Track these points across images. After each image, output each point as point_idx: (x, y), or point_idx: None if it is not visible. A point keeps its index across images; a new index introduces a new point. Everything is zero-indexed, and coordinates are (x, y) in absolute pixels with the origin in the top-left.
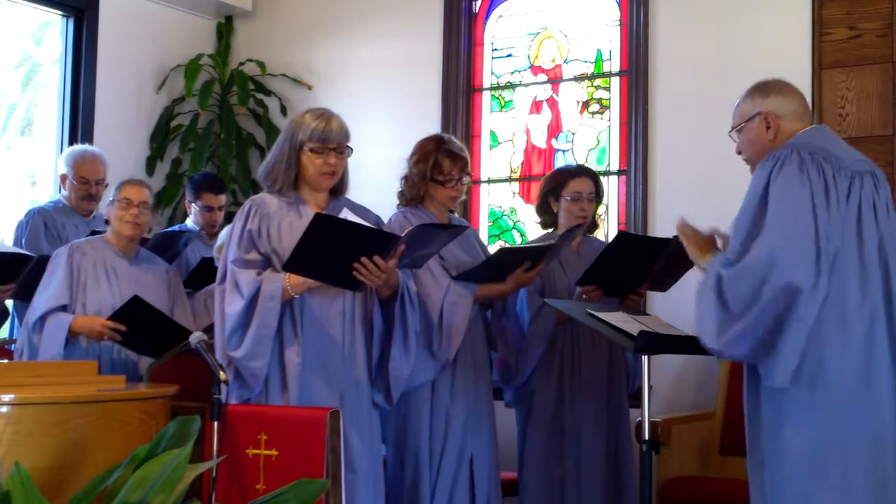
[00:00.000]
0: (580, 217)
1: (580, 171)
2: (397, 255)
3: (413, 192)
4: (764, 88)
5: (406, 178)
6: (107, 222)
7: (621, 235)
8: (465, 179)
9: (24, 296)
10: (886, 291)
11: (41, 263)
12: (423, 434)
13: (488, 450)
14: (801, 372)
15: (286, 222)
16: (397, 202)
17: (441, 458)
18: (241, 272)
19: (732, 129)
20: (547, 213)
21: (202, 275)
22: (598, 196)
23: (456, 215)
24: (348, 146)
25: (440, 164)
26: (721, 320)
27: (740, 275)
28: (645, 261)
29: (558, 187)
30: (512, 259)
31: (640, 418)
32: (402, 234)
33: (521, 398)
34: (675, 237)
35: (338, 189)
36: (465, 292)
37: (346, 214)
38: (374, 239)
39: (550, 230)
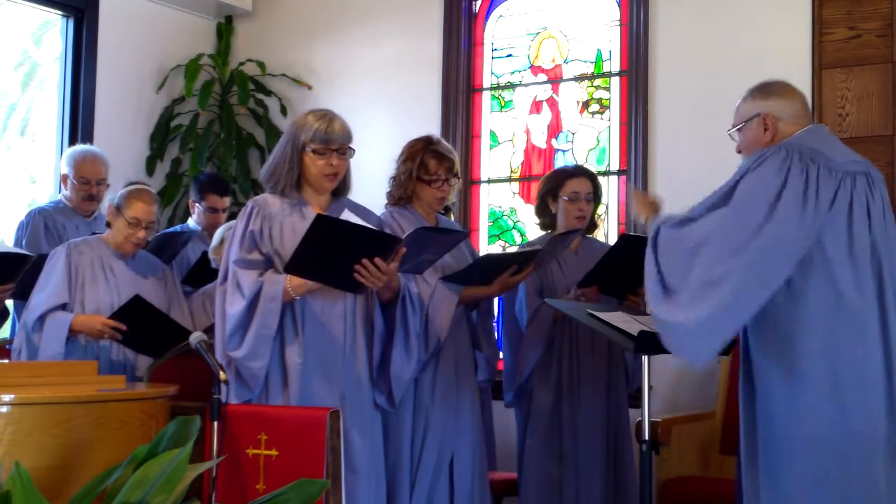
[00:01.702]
0: (578, 217)
1: (578, 172)
2: (398, 258)
3: (400, 191)
4: (764, 90)
5: (394, 178)
6: (108, 225)
7: (624, 237)
8: (453, 181)
9: (24, 295)
10: (879, 292)
11: (40, 262)
12: (404, 433)
13: (470, 449)
14: (794, 372)
15: (288, 223)
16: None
17: (420, 457)
18: (243, 272)
19: (732, 128)
20: (545, 214)
21: (201, 271)
22: (596, 196)
23: (451, 218)
24: (350, 147)
25: (426, 164)
26: (662, 293)
27: (677, 240)
28: (642, 261)
29: (556, 188)
30: (497, 265)
31: (640, 418)
32: (401, 237)
33: (521, 398)
34: None
35: (340, 190)
36: (450, 293)
37: (348, 216)
38: (374, 241)
39: (549, 231)
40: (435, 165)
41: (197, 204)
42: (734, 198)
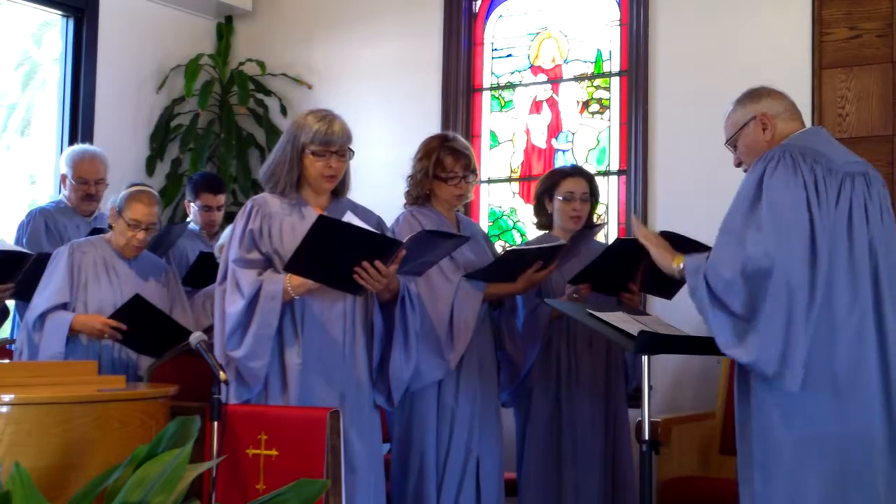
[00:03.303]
0: (573, 217)
1: (574, 172)
2: (398, 261)
3: (418, 190)
4: (752, 95)
5: (411, 177)
6: (110, 227)
7: (621, 241)
8: (471, 178)
9: (25, 295)
10: (875, 292)
11: (40, 261)
12: (428, 434)
13: (495, 450)
14: None
15: (288, 223)
16: (404, 202)
17: (446, 459)
18: (242, 272)
19: (727, 141)
20: (542, 214)
21: (201, 270)
22: (593, 196)
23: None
24: (350, 148)
25: (442, 162)
26: (735, 328)
27: (735, 278)
28: (635, 259)
29: (552, 188)
30: (523, 259)
31: (640, 418)
32: (405, 239)
33: (519, 398)
34: (661, 232)
35: (339, 190)
36: (474, 291)
37: (350, 218)
38: (375, 243)
39: (547, 231)
40: (451, 163)
41: (192, 203)
42: (764, 215)
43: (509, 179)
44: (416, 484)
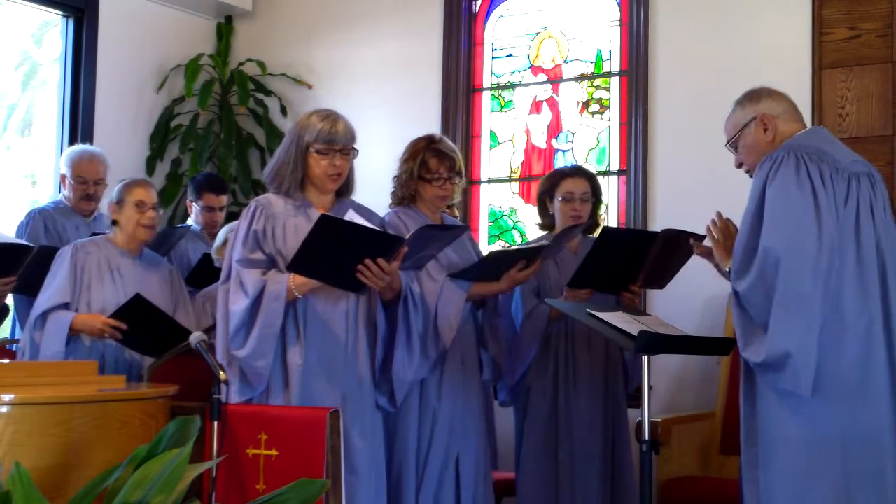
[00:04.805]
0: (573, 217)
1: (574, 172)
2: (400, 258)
3: (403, 190)
4: (752, 96)
5: (396, 177)
6: (114, 223)
7: (605, 231)
8: (456, 180)
9: (27, 290)
10: (883, 292)
11: (41, 255)
12: (410, 432)
13: (475, 449)
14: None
15: (292, 224)
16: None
17: (427, 457)
18: (246, 272)
19: (728, 142)
20: (545, 215)
21: (203, 271)
22: (594, 196)
23: (457, 214)
24: (354, 147)
25: (427, 163)
26: (745, 331)
27: (753, 284)
28: (636, 256)
29: (552, 188)
30: (506, 260)
31: (640, 418)
32: (404, 236)
33: (518, 397)
34: (663, 231)
35: (343, 190)
36: (458, 289)
37: (352, 216)
38: (377, 241)
39: (549, 232)
40: (436, 164)
41: (194, 203)
42: (768, 215)
43: (509, 179)
44: (395, 481)
